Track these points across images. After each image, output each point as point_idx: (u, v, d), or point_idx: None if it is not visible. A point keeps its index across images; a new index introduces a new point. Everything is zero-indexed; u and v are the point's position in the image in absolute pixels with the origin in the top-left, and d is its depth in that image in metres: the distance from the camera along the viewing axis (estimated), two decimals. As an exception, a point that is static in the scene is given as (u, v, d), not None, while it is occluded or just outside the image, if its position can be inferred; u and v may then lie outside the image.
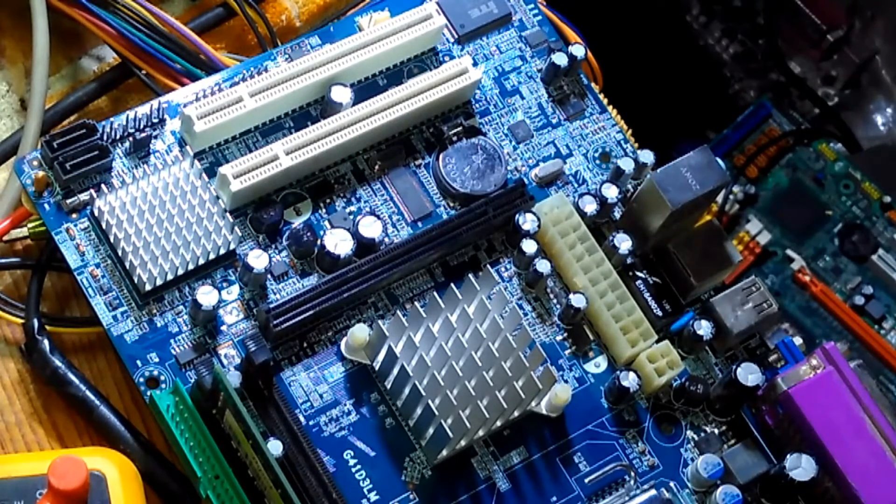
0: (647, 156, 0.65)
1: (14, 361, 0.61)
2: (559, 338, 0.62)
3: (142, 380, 0.58)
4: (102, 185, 0.59)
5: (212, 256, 0.59)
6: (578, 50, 0.66)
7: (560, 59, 0.66)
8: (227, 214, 0.59)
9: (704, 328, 0.62)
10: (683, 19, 0.99)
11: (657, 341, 0.62)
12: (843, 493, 0.59)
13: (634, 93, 0.71)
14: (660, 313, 0.62)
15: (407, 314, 0.59)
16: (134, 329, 0.58)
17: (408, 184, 0.63)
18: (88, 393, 0.59)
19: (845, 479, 0.59)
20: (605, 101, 0.67)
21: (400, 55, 0.64)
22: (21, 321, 0.60)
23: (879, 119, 1.01)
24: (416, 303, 0.60)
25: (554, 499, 0.59)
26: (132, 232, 0.58)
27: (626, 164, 0.64)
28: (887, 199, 0.97)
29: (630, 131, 0.68)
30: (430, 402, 0.57)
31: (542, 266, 0.61)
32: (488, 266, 0.62)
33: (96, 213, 0.58)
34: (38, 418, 0.60)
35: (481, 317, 0.59)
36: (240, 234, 0.60)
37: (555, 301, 0.63)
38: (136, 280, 0.58)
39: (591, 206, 0.63)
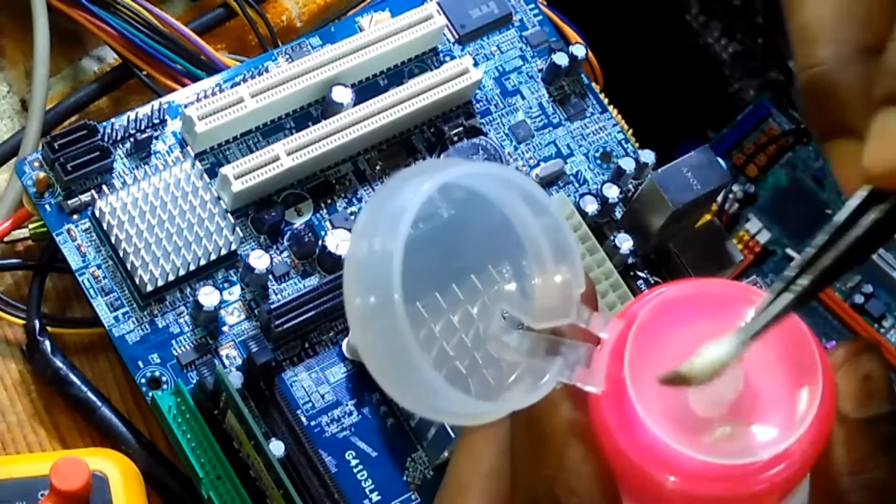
0: (647, 156, 0.65)
1: (15, 362, 0.61)
2: (560, 338, 0.62)
3: (143, 380, 0.58)
4: (104, 186, 0.58)
5: (213, 257, 0.59)
6: (579, 50, 0.66)
7: (561, 59, 0.66)
8: (229, 215, 0.59)
9: (706, 328, 0.61)
10: (683, 19, 0.99)
11: (658, 341, 0.62)
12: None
13: (635, 93, 0.71)
14: (661, 313, 0.62)
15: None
16: (135, 330, 0.58)
17: (409, 184, 0.63)
18: (90, 394, 0.59)
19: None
20: (606, 101, 0.67)
21: (401, 55, 0.64)
22: (22, 322, 0.60)
23: (879, 118, 1.01)
24: (417, 303, 0.60)
25: (555, 499, 0.59)
26: (133, 233, 0.58)
27: (627, 164, 0.64)
28: (887, 198, 0.97)
29: (631, 131, 0.68)
30: (431, 402, 0.57)
31: (544, 266, 0.61)
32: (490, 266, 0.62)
33: (97, 213, 0.58)
34: (39, 419, 0.60)
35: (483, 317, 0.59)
36: (241, 235, 0.60)
37: (556, 301, 0.63)
38: (137, 281, 0.58)
39: (592, 206, 0.63)
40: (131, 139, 0.60)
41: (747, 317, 0.39)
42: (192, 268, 0.59)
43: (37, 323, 0.60)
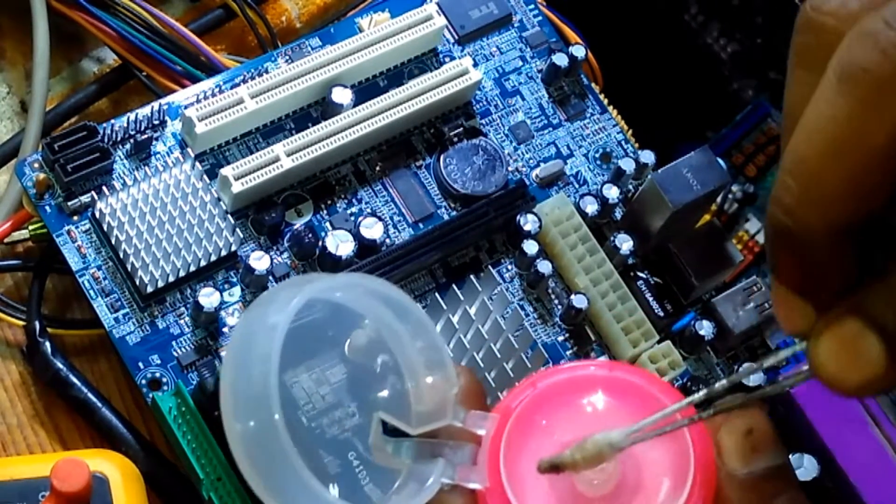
0: (647, 156, 0.65)
1: (16, 364, 0.61)
2: (561, 338, 0.62)
3: (144, 382, 0.58)
4: (104, 188, 0.58)
5: (213, 258, 0.59)
6: (579, 50, 0.66)
7: (560, 60, 0.66)
8: (229, 216, 0.59)
9: (706, 328, 0.62)
10: (682, 19, 0.99)
11: (659, 342, 0.62)
12: (845, 492, 0.59)
13: (634, 93, 0.71)
14: (661, 314, 0.62)
15: (409, 315, 0.59)
16: (136, 331, 0.58)
17: (409, 185, 0.63)
18: (90, 395, 0.59)
19: (847, 478, 0.59)
20: (606, 102, 0.67)
21: (400, 56, 0.64)
22: (22, 323, 0.60)
23: (878, 118, 1.01)
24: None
25: (556, 499, 0.59)
26: (134, 234, 0.58)
27: (627, 165, 0.64)
28: (886, 197, 0.96)
29: (630, 131, 0.68)
30: (432, 403, 0.57)
31: (544, 267, 0.61)
32: (489, 267, 0.62)
33: (98, 215, 0.58)
34: (39, 420, 0.60)
35: (483, 318, 0.59)
36: (241, 236, 0.60)
37: (556, 302, 0.63)
38: (137, 282, 0.58)
39: (592, 207, 0.63)
40: (131, 140, 0.60)
41: (643, 420, 0.41)
42: (192, 269, 0.59)
43: (37, 324, 0.60)
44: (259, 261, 0.59)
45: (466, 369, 0.47)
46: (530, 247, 0.62)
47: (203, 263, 0.59)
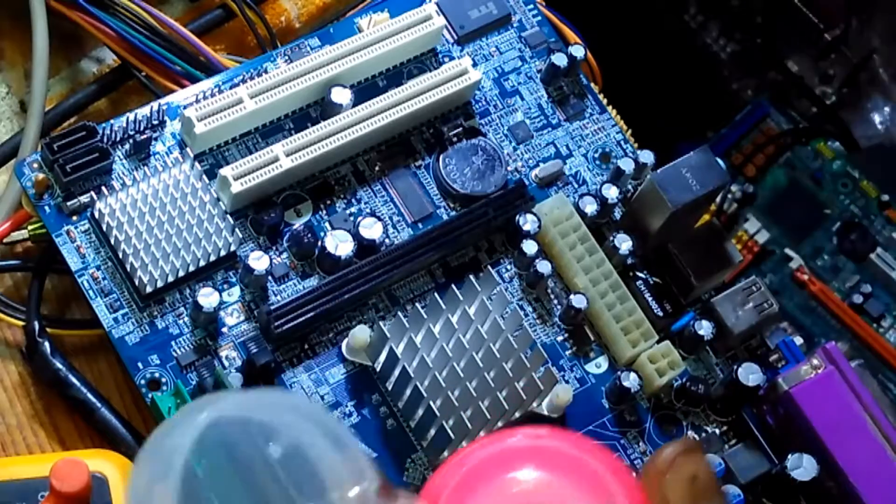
0: (647, 156, 0.65)
1: (15, 364, 0.61)
2: (560, 338, 0.62)
3: (143, 382, 0.58)
4: (103, 188, 0.58)
5: (213, 258, 0.59)
6: (578, 50, 0.66)
7: (560, 60, 0.66)
8: (228, 216, 0.59)
9: (705, 328, 0.62)
10: (681, 19, 0.99)
11: (658, 341, 0.62)
12: (845, 492, 0.59)
13: (634, 93, 0.71)
14: (660, 313, 0.62)
15: (408, 315, 0.59)
16: (135, 331, 0.58)
17: (408, 185, 0.63)
18: (89, 395, 0.59)
19: (847, 478, 0.59)
20: (605, 102, 0.67)
21: (400, 56, 0.64)
22: (22, 323, 0.60)
23: (877, 118, 1.01)
24: (416, 304, 0.60)
25: (555, 499, 0.59)
26: (133, 234, 0.58)
27: (626, 165, 0.64)
28: (885, 197, 0.97)
29: (630, 131, 0.68)
30: (431, 403, 0.57)
31: (543, 267, 0.61)
32: (489, 267, 0.62)
33: (97, 215, 0.58)
34: (39, 421, 0.60)
35: (482, 318, 0.59)
36: (240, 236, 0.60)
37: (555, 302, 0.63)
38: (136, 282, 0.58)
39: (591, 207, 0.63)
40: (130, 140, 0.60)
41: None
42: (191, 269, 0.59)
43: (36, 324, 0.60)
44: (258, 261, 0.59)
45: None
46: (529, 247, 0.62)
47: (202, 263, 0.59)
